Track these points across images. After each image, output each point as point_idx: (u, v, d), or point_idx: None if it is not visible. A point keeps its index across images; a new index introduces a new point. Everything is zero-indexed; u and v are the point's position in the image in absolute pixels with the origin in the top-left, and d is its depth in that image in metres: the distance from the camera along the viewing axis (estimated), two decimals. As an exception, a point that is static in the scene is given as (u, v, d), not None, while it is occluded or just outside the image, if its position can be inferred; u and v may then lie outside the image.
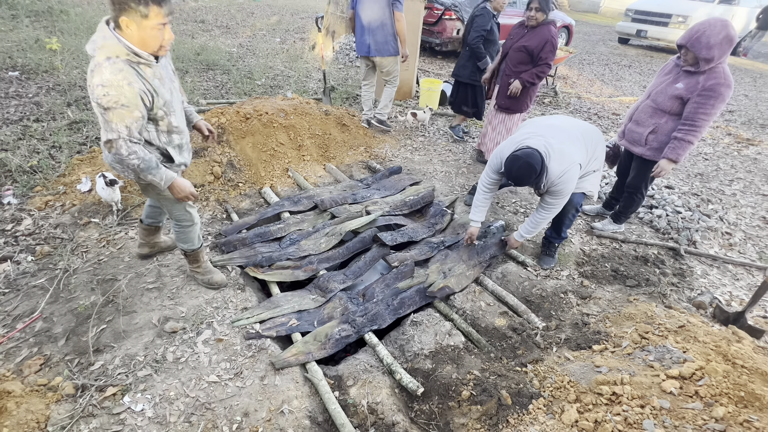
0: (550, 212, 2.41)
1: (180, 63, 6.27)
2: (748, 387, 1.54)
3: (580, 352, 2.07)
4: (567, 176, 2.22)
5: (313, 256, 2.70)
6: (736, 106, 7.14)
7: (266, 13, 12.07)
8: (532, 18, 3.24)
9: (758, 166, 4.71)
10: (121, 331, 2.03)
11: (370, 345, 2.15)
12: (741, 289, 2.71)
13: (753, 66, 10.84)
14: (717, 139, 5.50)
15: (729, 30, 2.27)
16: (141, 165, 1.65)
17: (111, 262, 2.46)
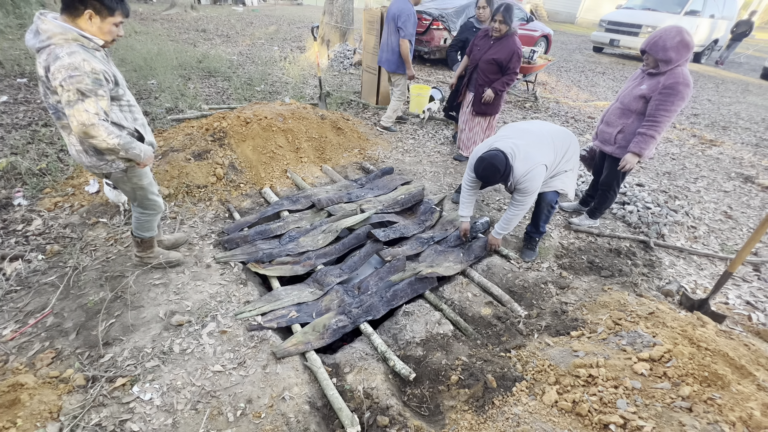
0: (519, 209, 2.44)
1: (183, 70, 6.18)
2: (712, 368, 1.57)
3: (559, 338, 2.10)
4: (531, 175, 2.27)
5: (311, 252, 2.69)
6: (701, 109, 7.25)
7: (264, 23, 11.94)
8: (496, 30, 3.32)
9: (720, 165, 4.79)
10: (130, 325, 2.01)
11: (366, 334, 2.15)
12: (705, 278, 2.76)
13: (716, 73, 11.02)
14: (683, 141, 5.58)
15: (684, 35, 2.34)
16: (121, 142, 1.64)
17: (119, 259, 2.42)
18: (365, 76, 5.57)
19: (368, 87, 5.57)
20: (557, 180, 2.54)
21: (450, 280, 2.61)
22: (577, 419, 1.53)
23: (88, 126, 1.55)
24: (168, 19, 10.83)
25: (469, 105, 3.86)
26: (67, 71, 1.49)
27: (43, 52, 1.53)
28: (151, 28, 9.22)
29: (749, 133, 6.12)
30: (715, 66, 12.15)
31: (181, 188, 3.03)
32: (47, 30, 1.52)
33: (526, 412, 1.63)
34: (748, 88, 9.45)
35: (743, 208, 3.78)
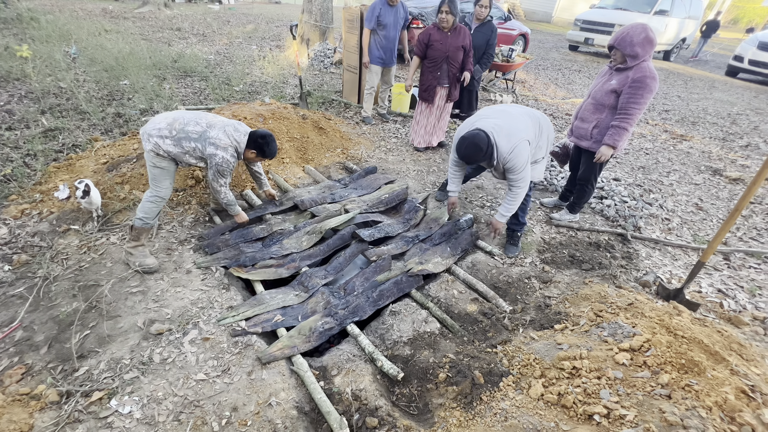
0: (518, 189, 2.43)
1: (157, 70, 5.98)
2: (688, 355, 1.63)
3: (543, 331, 2.13)
4: (516, 151, 2.29)
5: (295, 254, 2.65)
6: (671, 105, 7.53)
7: (242, 22, 11.70)
8: (445, 21, 3.61)
9: (690, 159, 4.99)
10: (106, 336, 1.93)
11: (352, 335, 2.13)
12: (679, 268, 2.86)
13: (684, 71, 11.47)
14: (656, 136, 5.78)
15: (648, 32, 2.46)
16: (226, 202, 2.59)
17: (93, 268, 2.33)
18: (346, 75, 5.53)
19: (349, 86, 5.53)
20: (533, 170, 2.59)
21: (436, 278, 2.62)
22: (563, 411, 1.56)
23: (218, 190, 2.53)
24: (140, 18, 10.47)
25: (442, 98, 4.06)
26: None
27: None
28: (122, 27, 8.89)
29: (716, 127, 6.39)
30: (689, 61, 13.20)
31: (158, 192, 2.93)
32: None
33: (513, 406, 1.65)
34: (714, 84, 9.87)
35: (713, 200, 3.95)
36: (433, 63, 3.81)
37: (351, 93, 5.53)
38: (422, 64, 3.90)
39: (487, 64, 4.19)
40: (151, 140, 2.24)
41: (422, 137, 4.34)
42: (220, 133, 2.31)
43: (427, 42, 3.74)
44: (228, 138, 2.33)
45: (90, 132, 3.90)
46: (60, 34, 7.01)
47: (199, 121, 2.33)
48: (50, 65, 5.41)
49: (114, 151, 3.38)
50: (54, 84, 4.87)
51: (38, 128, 3.76)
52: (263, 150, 2.43)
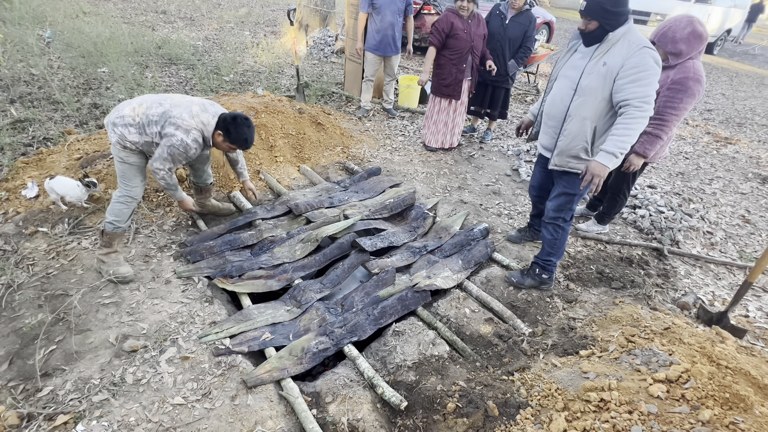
0: (638, 112, 1.96)
1: (139, 57, 6.08)
2: (733, 388, 1.60)
3: (567, 358, 2.11)
4: (649, 52, 1.96)
5: (287, 264, 2.65)
6: (714, 104, 7.52)
7: (234, 5, 11.89)
8: (465, 8, 3.72)
9: (736, 165, 4.97)
10: (74, 353, 1.94)
11: (350, 358, 2.13)
12: (723, 289, 2.83)
13: (730, 65, 11.46)
14: (696, 138, 5.77)
15: (695, 26, 2.41)
16: (164, 185, 2.42)
17: (61, 275, 2.34)
18: (349, 65, 5.59)
19: (352, 77, 5.58)
20: None
21: (445, 294, 2.61)
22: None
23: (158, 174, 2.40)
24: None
25: (465, 93, 4.13)
26: None
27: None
28: (102, 9, 9.06)
29: (766, 130, 6.36)
30: (733, 44, 14.26)
31: (137, 192, 2.96)
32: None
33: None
34: (764, 81, 9.85)
35: (762, 212, 3.92)
36: (457, 54, 3.83)
37: (353, 85, 5.58)
38: (441, 56, 3.91)
39: (524, 58, 4.14)
40: (116, 131, 2.21)
41: (438, 136, 4.36)
42: (184, 113, 2.22)
43: (449, 31, 3.76)
44: (192, 119, 2.23)
45: (63, 124, 3.96)
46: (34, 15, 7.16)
47: (162, 101, 2.26)
48: (22, 50, 5.51)
49: (89, 145, 3.43)
50: (25, 70, 4.96)
51: (6, 119, 3.83)
52: (230, 134, 2.30)
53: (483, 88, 4.38)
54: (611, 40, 2.06)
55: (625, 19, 2.03)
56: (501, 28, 4.04)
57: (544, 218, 2.53)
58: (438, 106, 4.20)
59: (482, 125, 5.15)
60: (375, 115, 5.21)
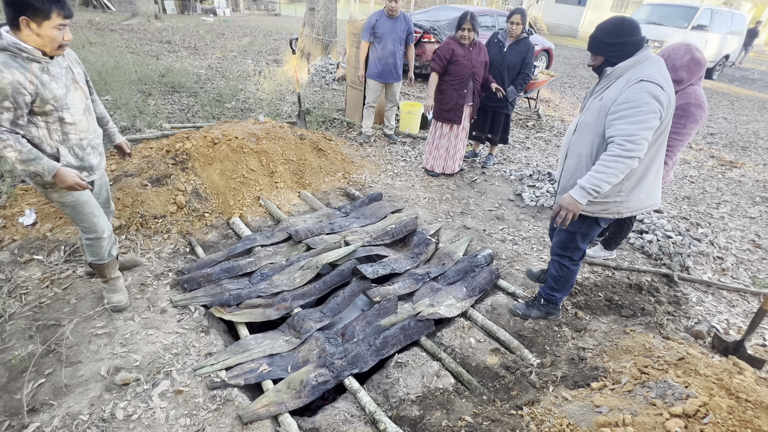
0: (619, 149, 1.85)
1: (143, 85, 6.25)
2: (755, 423, 1.55)
3: (578, 390, 2.05)
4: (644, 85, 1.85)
5: (286, 293, 2.63)
6: (717, 128, 7.62)
7: (237, 35, 12.33)
8: (466, 38, 3.83)
9: (743, 189, 4.98)
10: (63, 386, 1.89)
11: (351, 391, 2.07)
12: (738, 316, 2.78)
13: (730, 90, 11.70)
14: (701, 162, 5.81)
15: (694, 53, 2.50)
16: (19, 156, 1.75)
17: (54, 305, 2.33)
18: (350, 92, 5.73)
19: (353, 104, 5.71)
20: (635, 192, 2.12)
21: (449, 323, 2.57)
22: (605, 491, 1.47)
23: None
24: (129, 30, 11.09)
25: (467, 118, 4.22)
26: None
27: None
28: (108, 39, 9.41)
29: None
30: (731, 67, 14.91)
31: (135, 219, 2.98)
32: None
33: (543, 483, 1.56)
34: (766, 105, 10.02)
35: (772, 236, 3.90)
36: (458, 80, 3.95)
37: (355, 112, 5.70)
38: (442, 82, 4.02)
39: (524, 84, 4.28)
40: None
41: (440, 161, 4.41)
42: None
43: (450, 57, 3.89)
44: None
45: (64, 151, 4.03)
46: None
47: None
48: (27, 79, 5.68)
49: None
50: (29, 99, 5.09)
51: (8, 146, 3.90)
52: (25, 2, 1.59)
53: (483, 113, 4.47)
54: (614, 74, 1.97)
55: (632, 50, 1.92)
56: (499, 55, 4.16)
57: (551, 252, 2.51)
58: (440, 131, 4.27)
59: (484, 150, 5.22)
60: (376, 140, 5.30)
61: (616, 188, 2.06)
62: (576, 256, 2.38)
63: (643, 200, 2.12)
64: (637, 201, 2.11)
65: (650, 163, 2.05)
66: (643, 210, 2.17)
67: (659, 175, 2.15)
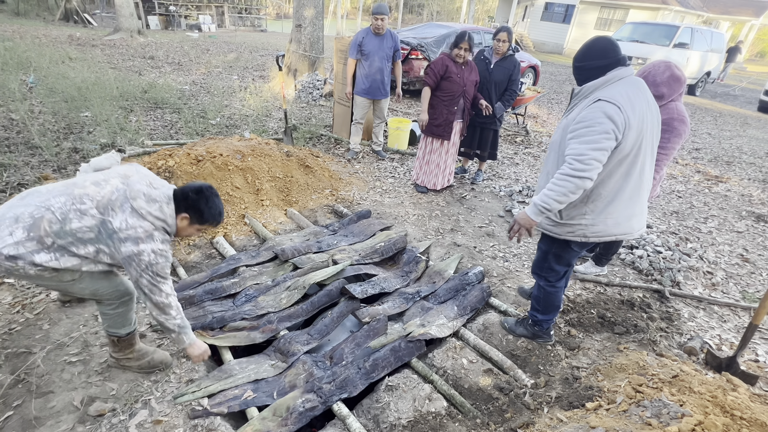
0: (569, 168, 1.87)
1: (124, 101, 6.24)
2: (750, 441, 1.56)
3: (573, 411, 2.05)
4: (600, 105, 1.86)
5: (272, 314, 2.59)
6: (701, 144, 7.88)
7: (223, 50, 12.43)
8: (461, 57, 3.95)
9: (729, 203, 5.13)
10: (32, 419, 1.82)
11: (339, 417, 2.03)
12: (729, 332, 2.83)
13: (713, 106, 12.15)
14: (688, 177, 5.99)
15: (673, 70, 2.61)
16: (181, 323, 1.91)
17: (25, 331, 2.25)
18: (337, 108, 5.80)
19: (341, 120, 5.77)
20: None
21: (441, 343, 2.55)
22: None
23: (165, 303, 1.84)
24: (110, 45, 11.11)
25: (457, 134, 4.32)
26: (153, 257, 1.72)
27: (138, 222, 1.71)
28: (89, 55, 9.39)
29: (755, 168, 6.64)
30: (715, 82, 15.76)
31: (114, 239, 2.93)
32: (153, 208, 1.75)
33: None
34: (747, 121, 10.42)
35: (760, 250, 4.00)
36: (449, 96, 4.03)
37: (342, 128, 5.75)
38: (433, 97, 4.11)
39: (510, 101, 4.40)
40: (3, 265, 1.56)
41: (430, 177, 4.48)
42: (129, 217, 1.64)
43: (444, 73, 3.98)
44: (145, 218, 1.67)
45: (40, 169, 3.97)
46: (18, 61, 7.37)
47: (81, 205, 1.62)
48: (2, 95, 5.62)
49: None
50: (4, 115, 5.03)
51: (-21, 165, 3.83)
52: (201, 212, 1.80)
53: (472, 129, 4.56)
54: (582, 93, 1.99)
55: (597, 74, 1.95)
56: (486, 72, 4.27)
57: (531, 271, 2.52)
58: (430, 146, 4.34)
59: (473, 166, 5.30)
60: (364, 157, 5.34)
61: (580, 210, 2.05)
62: (552, 278, 2.35)
63: (611, 227, 2.06)
64: (604, 227, 2.06)
65: (619, 189, 2.00)
66: (612, 237, 2.10)
67: (635, 203, 2.07)
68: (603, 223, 2.06)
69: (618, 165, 1.94)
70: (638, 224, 2.14)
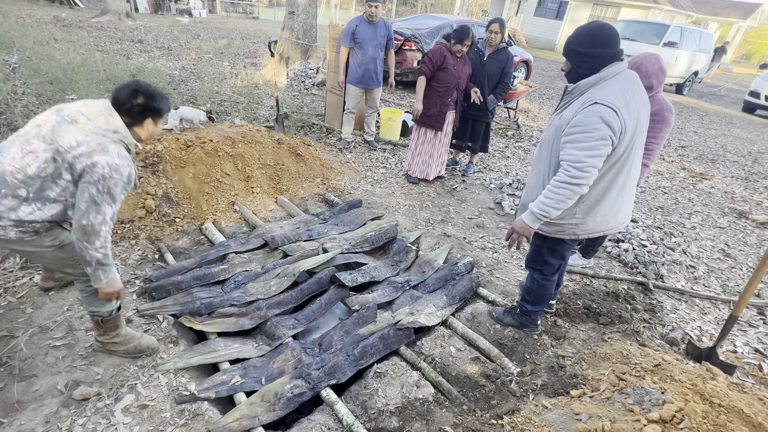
0: (565, 174, 1.86)
1: (111, 84, 6.07)
2: (728, 427, 1.60)
3: (557, 398, 2.08)
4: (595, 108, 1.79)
5: (261, 301, 2.57)
6: (688, 141, 7.99)
7: (214, 36, 12.19)
8: (460, 51, 3.97)
9: (713, 200, 5.22)
10: (15, 402, 1.78)
11: (328, 403, 2.03)
12: (710, 323, 2.89)
13: (699, 105, 12.32)
14: (673, 173, 6.07)
15: (661, 62, 2.67)
16: (103, 259, 1.67)
17: (8, 314, 2.20)
18: (330, 97, 5.73)
19: (333, 109, 5.71)
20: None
21: (429, 332, 2.56)
22: (585, 500, 1.48)
23: (95, 227, 1.61)
24: (97, 27, 10.80)
25: (449, 125, 4.32)
26: (107, 170, 1.60)
27: (89, 137, 1.62)
28: (75, 36, 9.13)
29: (737, 166, 6.77)
30: (704, 80, 16.15)
31: (100, 223, 2.86)
32: (101, 121, 1.66)
33: (524, 494, 1.56)
34: (732, 120, 10.60)
35: (740, 246, 4.09)
36: (444, 87, 4.01)
37: (334, 117, 5.69)
38: (428, 87, 4.06)
39: (503, 94, 4.37)
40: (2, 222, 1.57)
41: (423, 167, 4.47)
42: (77, 135, 1.58)
43: (441, 64, 3.94)
44: (94, 132, 1.61)
45: (23, 151, 3.86)
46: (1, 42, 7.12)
47: (30, 146, 1.58)
48: (-16, 76, 5.43)
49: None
50: (-13, 97, 4.86)
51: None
52: (158, 109, 1.75)
53: (464, 122, 4.54)
54: (576, 91, 1.93)
55: (602, 64, 1.86)
56: (479, 64, 4.25)
57: (524, 263, 2.54)
58: (423, 137, 4.32)
59: (464, 158, 5.30)
60: (356, 147, 5.30)
61: (570, 211, 2.04)
62: (547, 271, 2.36)
63: (600, 223, 2.08)
64: (593, 224, 2.07)
65: (608, 188, 2.00)
66: (601, 233, 2.12)
67: (622, 199, 2.08)
68: (592, 221, 2.06)
69: (611, 167, 1.92)
70: (624, 217, 2.16)
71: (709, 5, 25.61)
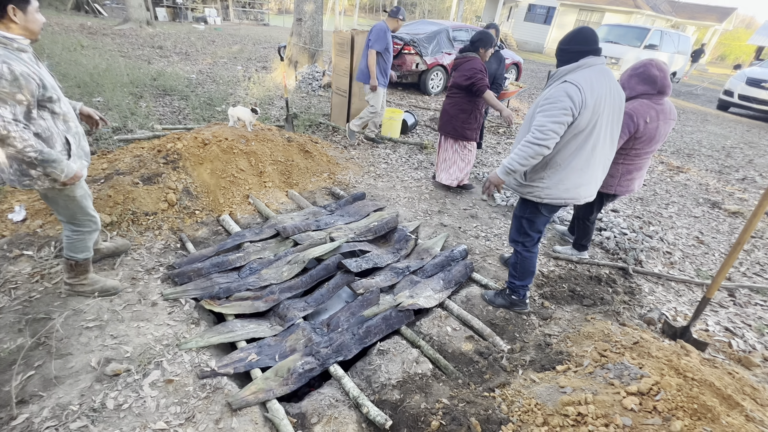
0: (532, 136, 2.01)
1: (134, 87, 6.04)
2: (700, 399, 1.61)
3: (544, 373, 2.09)
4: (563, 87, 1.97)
5: (274, 286, 2.58)
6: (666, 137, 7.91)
7: (227, 42, 12.06)
8: (487, 56, 3.75)
9: (688, 191, 5.18)
10: (53, 378, 1.80)
11: (335, 378, 2.05)
12: (684, 305, 2.89)
13: (677, 103, 12.16)
14: (652, 167, 6.02)
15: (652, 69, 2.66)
16: (40, 156, 1.59)
17: (45, 299, 2.21)
18: (335, 98, 5.68)
19: (338, 110, 5.67)
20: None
21: (428, 313, 2.57)
22: (569, 464, 1.50)
23: (2, 134, 1.52)
24: (120, 35, 10.70)
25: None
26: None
27: None
28: (100, 43, 9.05)
29: (712, 160, 6.70)
30: (679, 82, 15.89)
31: (126, 215, 2.87)
32: None
33: (514, 459, 1.57)
34: (707, 118, 10.47)
35: (713, 234, 4.07)
36: (482, 100, 3.72)
37: (339, 117, 5.66)
38: (469, 102, 3.71)
39: (496, 94, 4.31)
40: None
41: (460, 175, 4.16)
42: None
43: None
44: None
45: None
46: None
47: None
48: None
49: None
50: (20, 99, 4.84)
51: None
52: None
53: None
54: (556, 75, 2.08)
55: (576, 57, 2.02)
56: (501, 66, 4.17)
57: (508, 240, 2.58)
58: (463, 150, 4.02)
59: None
60: (359, 144, 5.27)
61: (539, 174, 2.19)
62: (528, 243, 2.44)
63: (562, 192, 2.18)
64: (557, 191, 2.18)
65: (571, 159, 2.09)
66: (562, 201, 2.21)
67: (585, 175, 2.14)
68: (556, 188, 2.18)
69: (573, 138, 2.05)
70: (585, 192, 2.23)
71: (687, 9, 25.17)
